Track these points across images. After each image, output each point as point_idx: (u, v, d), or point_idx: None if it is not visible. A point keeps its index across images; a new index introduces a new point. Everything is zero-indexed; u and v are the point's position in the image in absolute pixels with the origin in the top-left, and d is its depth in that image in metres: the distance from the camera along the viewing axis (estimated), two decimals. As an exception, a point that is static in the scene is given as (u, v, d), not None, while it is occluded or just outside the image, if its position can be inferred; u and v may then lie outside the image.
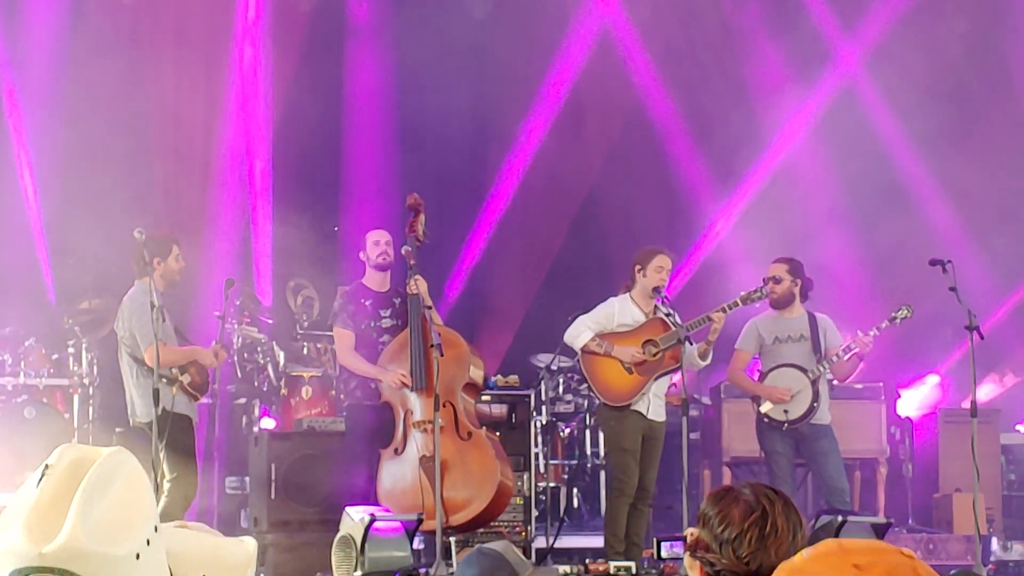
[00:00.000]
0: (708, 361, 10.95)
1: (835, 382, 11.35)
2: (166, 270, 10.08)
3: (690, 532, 3.59)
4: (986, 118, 15.28)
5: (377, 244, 10.85)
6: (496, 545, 5.38)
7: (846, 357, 10.89)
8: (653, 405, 10.70)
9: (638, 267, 10.74)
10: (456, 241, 15.75)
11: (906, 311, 10.84)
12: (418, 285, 10.48)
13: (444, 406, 10.08)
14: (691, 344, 10.64)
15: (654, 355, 10.64)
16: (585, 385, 11.86)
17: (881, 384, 13.31)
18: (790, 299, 11.05)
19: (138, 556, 2.19)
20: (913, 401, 14.45)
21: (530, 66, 16.02)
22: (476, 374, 10.62)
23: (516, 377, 12.36)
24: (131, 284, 10.26)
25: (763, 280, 11.10)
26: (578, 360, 11.05)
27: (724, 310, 10.64)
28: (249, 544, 2.47)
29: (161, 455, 9.66)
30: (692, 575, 3.60)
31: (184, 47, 15.00)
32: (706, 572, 3.47)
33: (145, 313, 9.66)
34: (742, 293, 10.80)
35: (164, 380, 9.85)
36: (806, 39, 15.73)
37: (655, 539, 10.12)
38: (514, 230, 15.89)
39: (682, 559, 3.67)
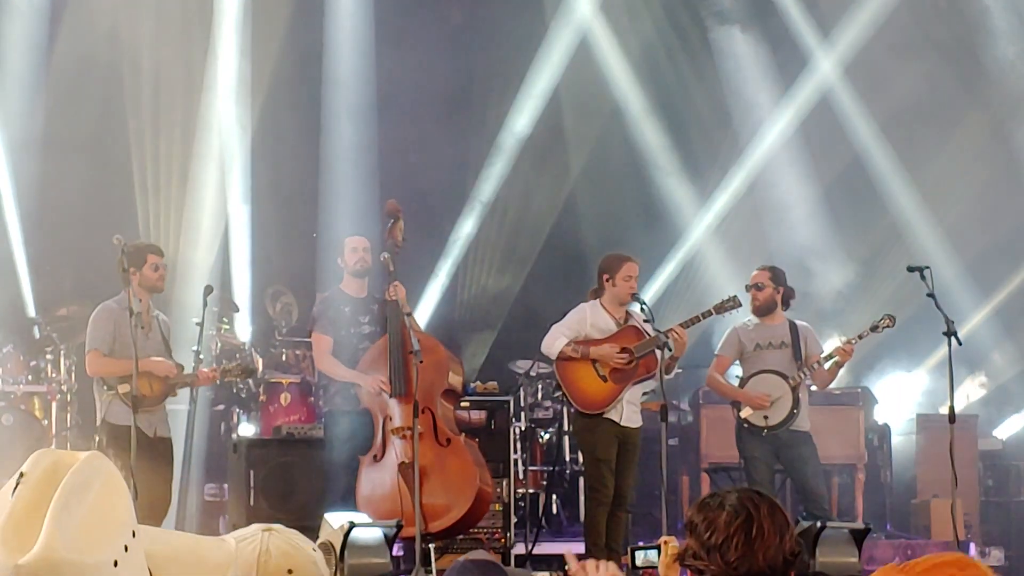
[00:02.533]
0: (670, 375, 10.82)
1: (814, 388, 11.30)
2: (143, 279, 10.09)
3: (664, 540, 3.59)
4: (962, 124, 15.29)
5: (355, 251, 10.84)
6: (481, 554, 5.26)
7: (827, 365, 10.87)
8: (627, 412, 10.63)
9: (606, 276, 10.70)
10: (435, 247, 15.71)
11: (888, 320, 10.83)
12: (397, 291, 10.43)
13: (423, 412, 10.01)
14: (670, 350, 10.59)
15: (628, 363, 10.61)
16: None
17: (859, 390, 13.33)
18: (772, 306, 11.04)
19: (116, 564, 2.17)
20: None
21: (508, 72, 16.02)
22: (455, 380, 10.60)
23: (495, 383, 12.31)
24: (110, 290, 10.33)
25: (745, 287, 11.12)
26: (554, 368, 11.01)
27: (698, 319, 10.66)
28: (230, 544, 2.45)
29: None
30: None
31: (162, 54, 14.95)
32: None
33: (97, 323, 9.96)
34: (715, 303, 10.79)
35: (106, 387, 10.00)
36: (784, 46, 15.75)
37: (629, 548, 10.13)
38: (493, 236, 15.86)
39: (656, 567, 3.66)
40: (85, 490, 2.18)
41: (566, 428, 12.84)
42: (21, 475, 2.20)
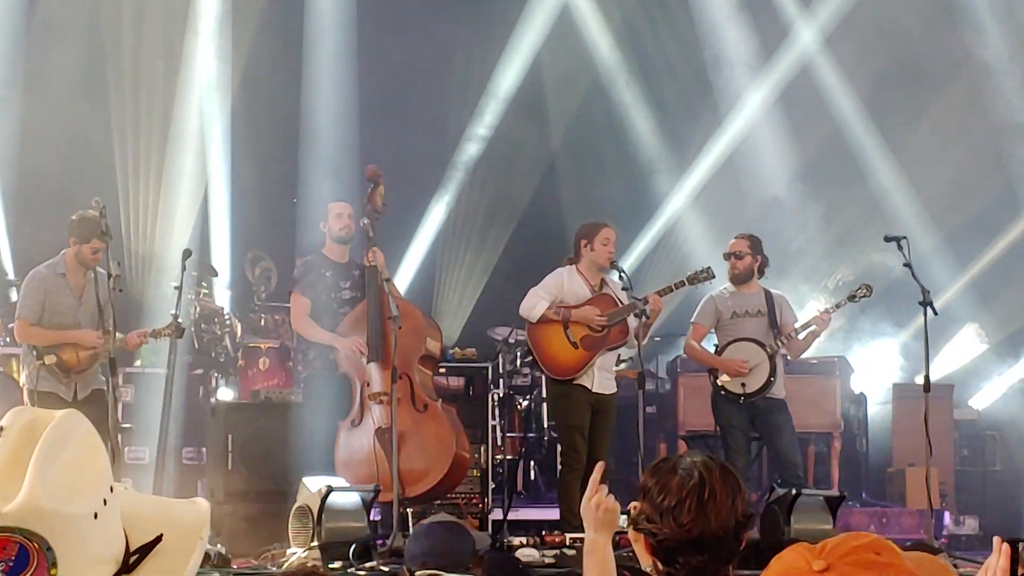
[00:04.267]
0: (644, 342, 10.78)
1: (789, 358, 11.23)
2: (80, 254, 10.13)
3: (633, 506, 3.60)
4: (942, 96, 15.27)
5: (340, 217, 10.79)
6: (444, 516, 5.24)
7: (803, 335, 10.88)
8: (599, 378, 10.66)
9: (584, 241, 10.75)
10: (416, 213, 15.67)
11: (865, 290, 10.84)
12: (376, 257, 10.40)
13: (401, 378, 9.99)
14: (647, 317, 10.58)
15: (600, 330, 10.65)
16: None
17: (836, 359, 13.34)
18: (750, 275, 11.04)
19: (96, 515, 2.21)
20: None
21: (491, 39, 15.98)
22: (433, 346, 10.62)
23: (474, 350, 12.37)
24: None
25: (724, 256, 11.12)
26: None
27: (671, 289, 10.68)
28: (201, 505, 2.47)
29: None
30: (637, 548, 3.63)
31: (143, 15, 14.87)
32: (650, 543, 3.50)
33: (27, 291, 10.16)
34: (689, 273, 10.81)
35: (34, 354, 10.09)
36: (765, 15, 15.73)
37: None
38: (473, 203, 15.85)
39: (626, 532, 3.70)
40: (63, 445, 2.22)
41: (544, 395, 12.84)
42: (1, 429, 2.23)
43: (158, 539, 2.33)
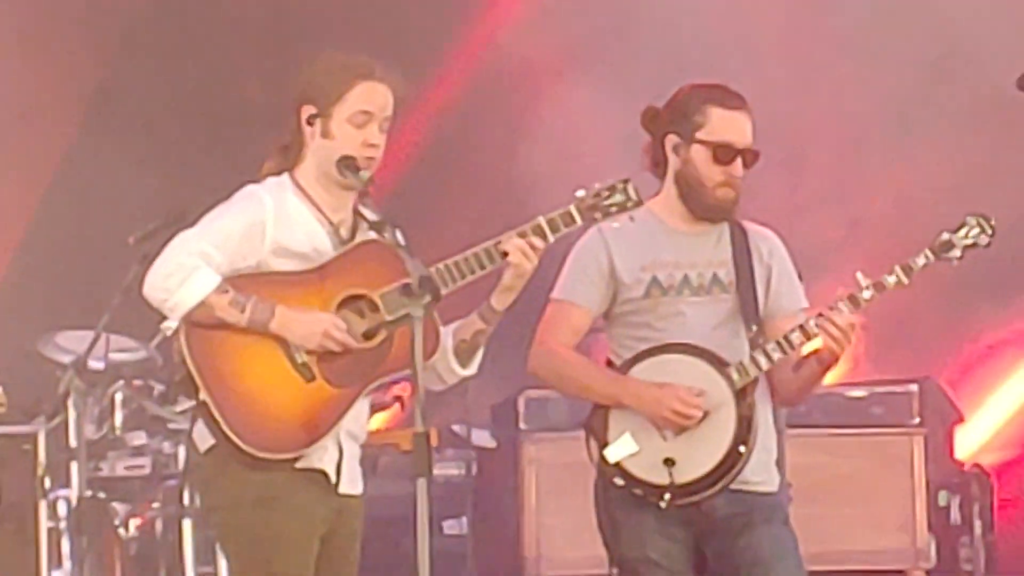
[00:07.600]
0: (473, 370, 5.61)
1: (783, 393, 5.59)
2: None
3: None
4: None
5: None
6: None
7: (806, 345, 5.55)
8: (348, 458, 5.46)
9: (311, 113, 5.26)
10: None
11: (979, 227, 5.60)
12: None
13: None
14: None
15: (371, 335, 5.32)
16: (190, 408, 6.03)
17: (912, 387, 8.07)
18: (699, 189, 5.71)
19: None
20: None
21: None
22: None
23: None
24: None
25: (644, 151, 5.67)
26: (176, 340, 5.47)
27: (539, 233, 5.25)
28: None
29: None
30: None
31: None
32: None
33: None
34: (581, 193, 5.41)
35: None
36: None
37: None
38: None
39: None
40: None
41: (206, 501, 7.45)
42: None
43: None
